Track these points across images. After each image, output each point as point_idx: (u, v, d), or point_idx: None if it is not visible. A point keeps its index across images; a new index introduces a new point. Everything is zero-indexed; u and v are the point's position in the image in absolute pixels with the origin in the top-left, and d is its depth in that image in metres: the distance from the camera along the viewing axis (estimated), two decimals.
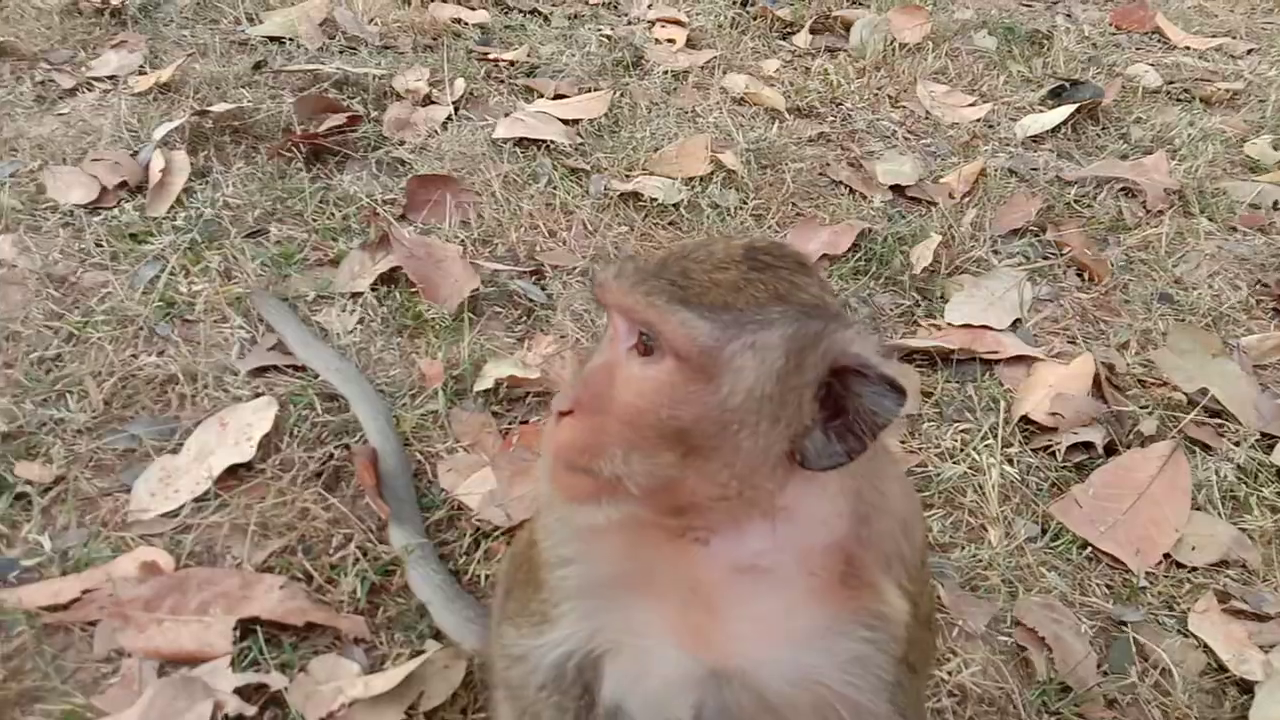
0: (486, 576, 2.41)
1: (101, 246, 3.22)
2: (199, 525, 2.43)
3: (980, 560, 2.57)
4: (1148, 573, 2.60)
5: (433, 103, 4.18)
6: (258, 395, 2.76)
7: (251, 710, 2.04)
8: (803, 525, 1.27)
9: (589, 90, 4.41)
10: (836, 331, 1.19)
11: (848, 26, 5.34)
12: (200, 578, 2.29)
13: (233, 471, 2.56)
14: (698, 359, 1.15)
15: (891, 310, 3.41)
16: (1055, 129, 4.56)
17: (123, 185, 3.48)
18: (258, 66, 4.30)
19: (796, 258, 1.27)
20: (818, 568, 1.28)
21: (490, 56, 4.61)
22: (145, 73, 4.17)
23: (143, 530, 2.43)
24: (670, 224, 3.65)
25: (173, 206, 3.43)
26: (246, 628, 2.21)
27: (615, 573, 1.36)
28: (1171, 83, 5.15)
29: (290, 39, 4.56)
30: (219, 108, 3.87)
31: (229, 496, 2.50)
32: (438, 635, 2.28)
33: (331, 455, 2.65)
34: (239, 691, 2.06)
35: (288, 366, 2.89)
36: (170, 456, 2.59)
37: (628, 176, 3.84)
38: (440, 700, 2.14)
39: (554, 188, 3.72)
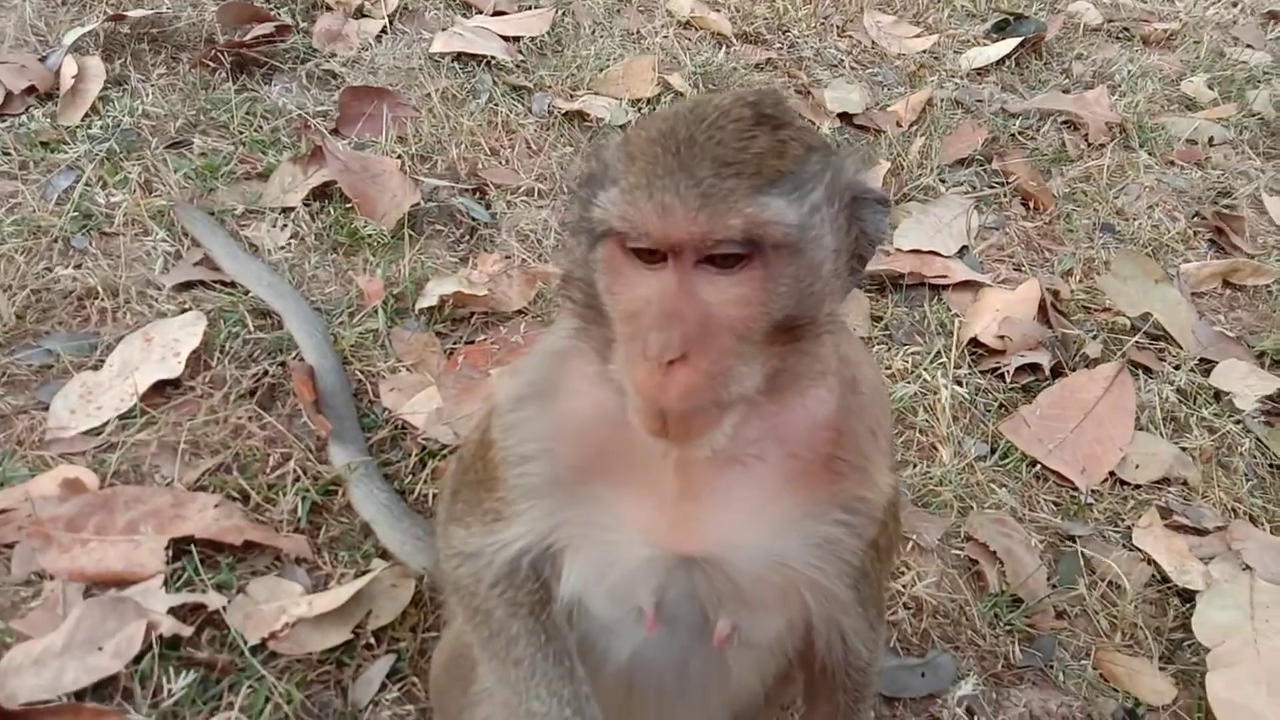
0: (434, 495, 2.32)
1: (9, 155, 2.99)
2: (124, 443, 2.29)
3: (932, 478, 2.57)
4: (1093, 490, 2.64)
5: (365, 15, 3.97)
6: (184, 310, 2.61)
7: (188, 631, 1.94)
8: (796, 403, 1.23)
9: (529, 8, 4.24)
10: (843, 164, 1.19)
11: None
12: (128, 496, 2.16)
13: (159, 389, 2.42)
14: (793, 241, 1.09)
15: None
16: (999, 62, 4.55)
17: (30, 91, 3.23)
18: None
19: (788, 105, 1.20)
20: (804, 450, 1.25)
21: None
22: None
23: (63, 449, 2.28)
24: None
25: (87, 115, 3.20)
26: (179, 548, 2.10)
27: (587, 466, 1.29)
28: (1111, 21, 5.17)
29: None
30: (135, 14, 3.61)
31: (156, 414, 2.36)
32: (384, 555, 2.20)
33: (266, 372, 2.52)
34: (173, 612, 1.96)
35: (215, 282, 2.74)
36: (91, 373, 2.43)
37: (572, 96, 3.71)
38: (389, 619, 2.07)
39: (495, 105, 3.57)
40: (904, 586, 2.29)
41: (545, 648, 1.40)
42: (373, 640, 2.04)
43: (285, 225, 2.96)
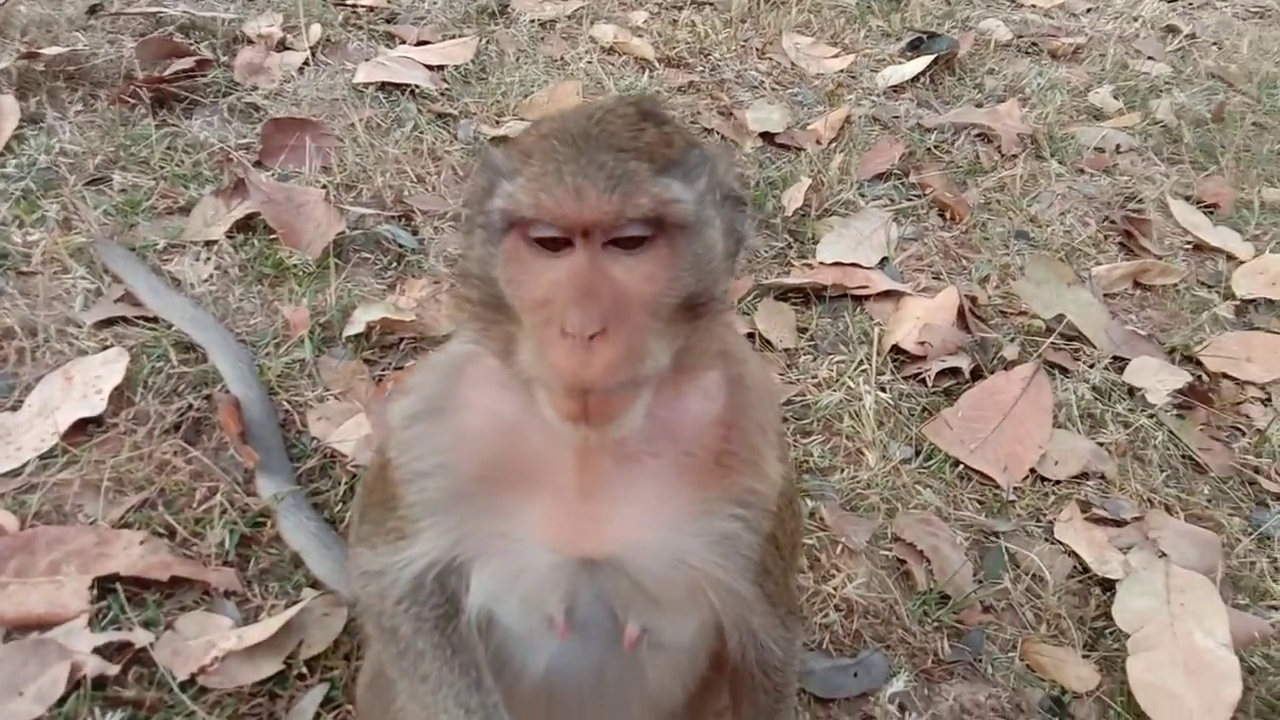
0: None
1: None
2: (45, 484, 2.26)
3: (859, 481, 2.63)
4: (1015, 487, 2.71)
5: (287, 48, 3.97)
6: (106, 347, 2.58)
7: (114, 669, 1.91)
8: (688, 401, 1.28)
9: (453, 37, 4.28)
10: (716, 162, 1.25)
11: None
12: (49, 537, 2.13)
13: (81, 427, 2.39)
14: (691, 221, 1.16)
15: (766, 252, 3.44)
16: (914, 79, 4.67)
17: None
18: (93, 10, 3.99)
19: (663, 107, 1.29)
20: (696, 448, 1.29)
21: (347, 2, 4.41)
22: None
23: None
24: None
25: (1, 154, 3.16)
26: (105, 587, 2.07)
27: (487, 476, 1.31)
28: (1020, 37, 5.35)
29: None
30: (50, 51, 3.58)
31: (78, 452, 2.33)
32: (315, 584, 2.19)
33: (190, 406, 2.50)
34: (99, 651, 1.93)
35: (138, 317, 2.71)
36: (9, 414, 2.40)
37: (498, 122, 3.75)
38: (321, 648, 2.06)
39: (420, 133, 3.59)
40: (834, 589, 2.34)
41: (451, 661, 1.40)
42: (305, 670, 2.03)
43: (208, 259, 2.94)
